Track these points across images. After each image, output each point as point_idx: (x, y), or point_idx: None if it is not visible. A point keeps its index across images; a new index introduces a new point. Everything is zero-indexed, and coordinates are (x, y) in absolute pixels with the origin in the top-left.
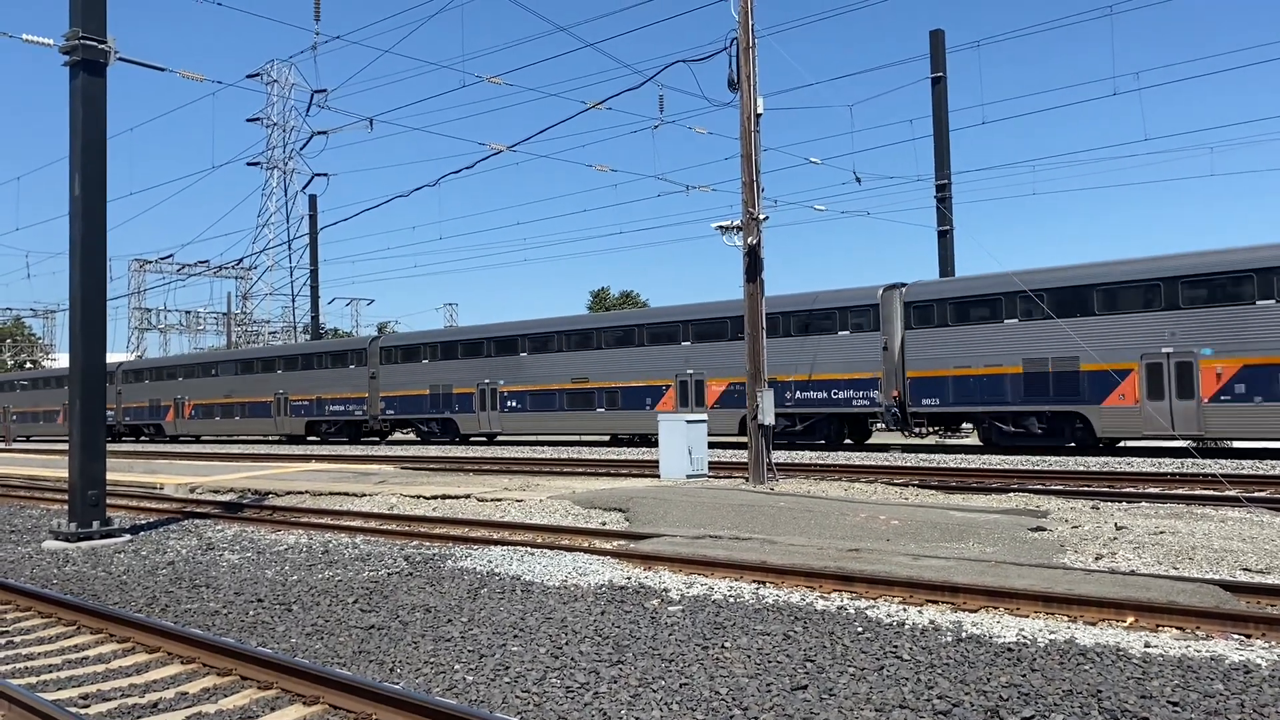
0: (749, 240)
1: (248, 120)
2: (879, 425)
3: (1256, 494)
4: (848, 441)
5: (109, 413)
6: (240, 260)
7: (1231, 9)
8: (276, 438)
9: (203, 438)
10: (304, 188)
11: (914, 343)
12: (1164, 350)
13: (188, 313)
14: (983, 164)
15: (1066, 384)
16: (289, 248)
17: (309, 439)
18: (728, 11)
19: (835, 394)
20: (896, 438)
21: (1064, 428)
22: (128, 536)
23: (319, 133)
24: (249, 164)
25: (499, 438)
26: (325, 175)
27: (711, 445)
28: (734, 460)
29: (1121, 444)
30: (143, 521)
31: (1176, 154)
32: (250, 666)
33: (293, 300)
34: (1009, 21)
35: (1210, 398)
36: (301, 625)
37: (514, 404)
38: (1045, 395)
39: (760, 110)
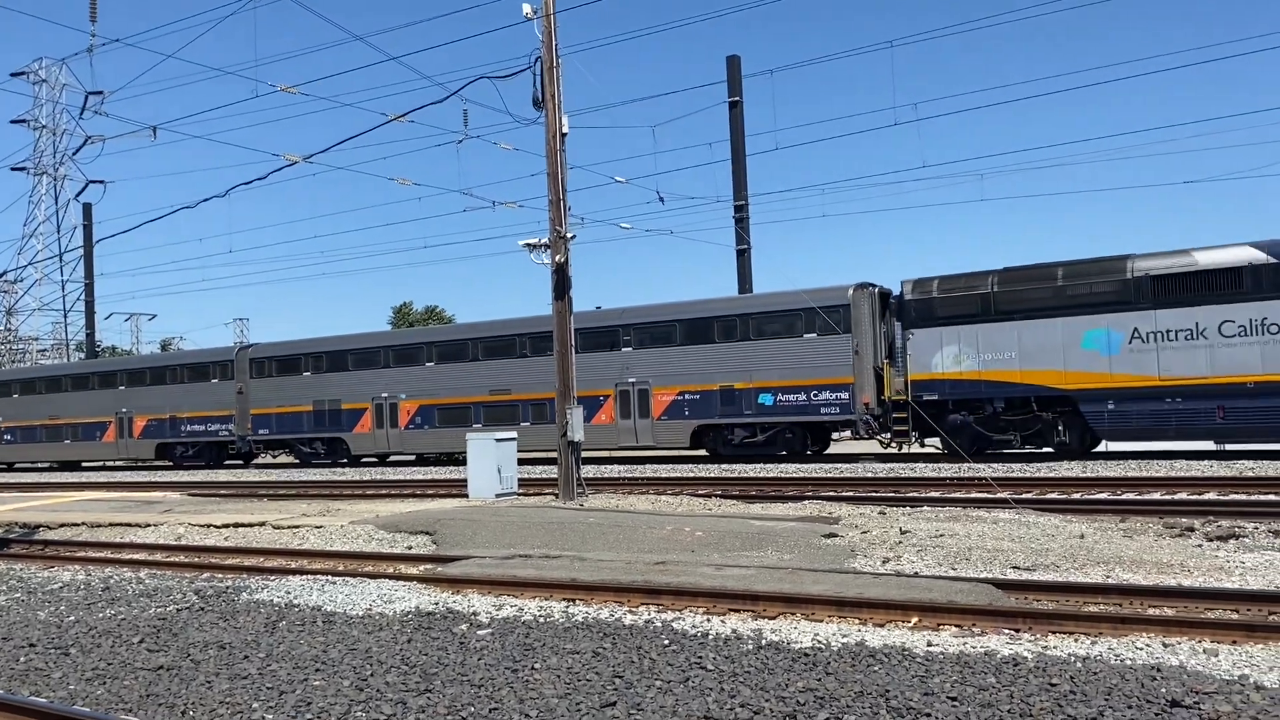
0: (556, 258)
1: (12, 122)
2: (234, 448)
3: (1024, 495)
4: (232, 462)
5: None
6: (4, 273)
7: (1001, 47)
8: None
9: None
10: (77, 196)
11: (254, 389)
12: (384, 395)
13: None
14: (778, 187)
15: (335, 418)
16: (60, 260)
17: None
18: (532, 31)
19: (210, 427)
20: (271, 459)
21: (336, 449)
22: None
23: (94, 138)
24: (14, 169)
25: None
26: (102, 183)
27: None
28: (545, 476)
29: (364, 459)
30: None
31: (951, 180)
32: (21, 719)
33: (65, 316)
34: (799, 51)
35: (405, 426)
36: (81, 670)
37: (9, 437)
38: (325, 425)
39: (565, 129)
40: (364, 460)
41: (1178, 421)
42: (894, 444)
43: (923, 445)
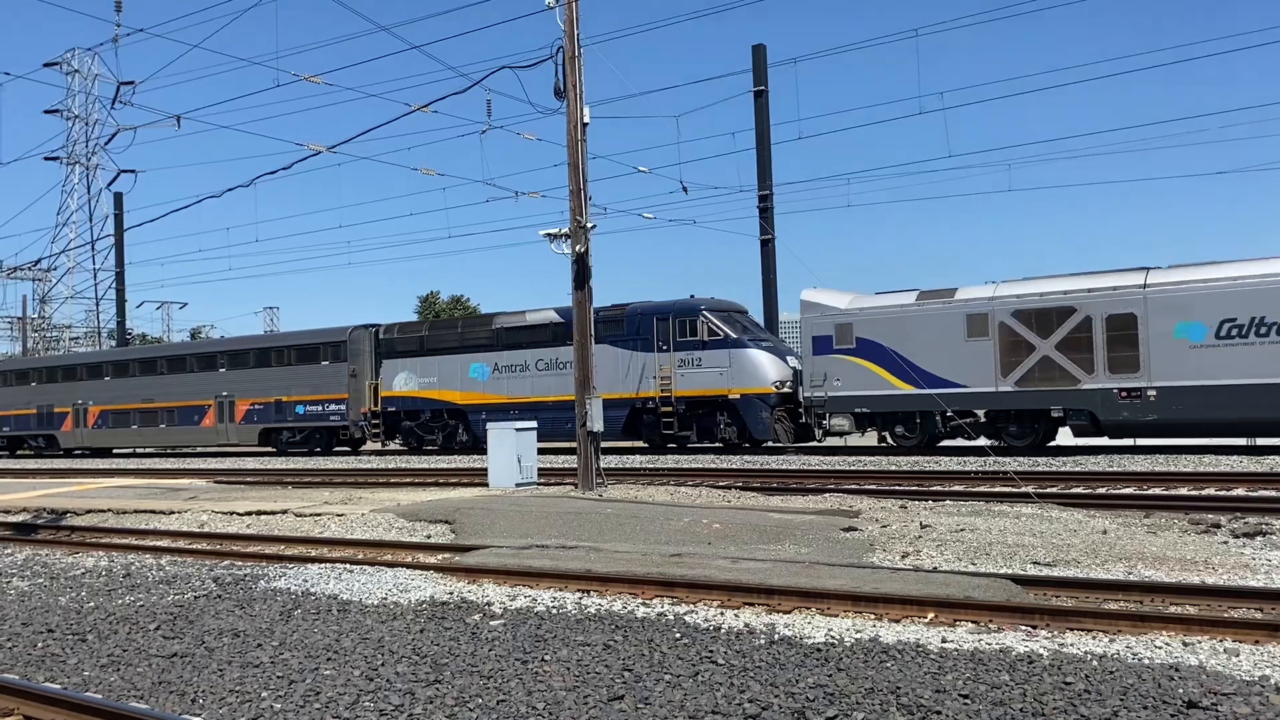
0: (577, 248)
1: (46, 112)
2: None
3: (1048, 489)
4: (24, 452)
5: None
6: (38, 261)
7: (1028, 35)
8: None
9: None
10: (109, 185)
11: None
12: (79, 401)
13: None
14: (802, 176)
15: (49, 419)
16: (93, 248)
17: None
18: (554, 19)
19: None
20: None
21: (52, 443)
22: None
23: (126, 128)
24: (47, 158)
25: None
26: (134, 172)
27: None
28: (565, 466)
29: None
30: None
31: (977, 170)
32: (34, 705)
33: (97, 304)
34: (822, 40)
35: (92, 426)
36: (96, 656)
37: None
38: (43, 425)
39: (587, 119)
40: (74, 452)
41: None
42: (379, 442)
43: (395, 443)
